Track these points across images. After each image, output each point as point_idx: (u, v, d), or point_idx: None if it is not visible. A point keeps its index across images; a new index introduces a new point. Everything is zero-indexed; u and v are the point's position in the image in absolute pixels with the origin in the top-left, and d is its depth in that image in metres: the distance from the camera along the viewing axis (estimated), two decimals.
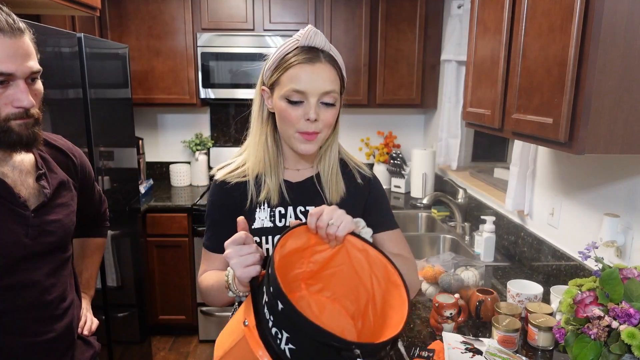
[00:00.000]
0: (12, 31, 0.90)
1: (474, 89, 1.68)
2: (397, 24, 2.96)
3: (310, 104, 0.97)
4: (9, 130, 0.93)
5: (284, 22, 2.92)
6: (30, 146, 0.98)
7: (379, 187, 1.18)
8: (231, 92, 2.93)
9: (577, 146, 1.09)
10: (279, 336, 0.70)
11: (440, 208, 2.78)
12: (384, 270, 0.85)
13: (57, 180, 1.10)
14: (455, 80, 2.84)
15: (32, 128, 0.97)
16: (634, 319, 0.95)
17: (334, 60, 1.00)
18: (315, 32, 0.97)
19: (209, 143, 3.33)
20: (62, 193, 1.11)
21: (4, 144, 0.95)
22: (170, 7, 2.87)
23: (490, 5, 1.54)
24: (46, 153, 1.12)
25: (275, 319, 0.70)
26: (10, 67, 0.90)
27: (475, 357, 1.13)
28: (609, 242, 1.35)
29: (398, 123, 3.48)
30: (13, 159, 1.03)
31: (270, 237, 1.05)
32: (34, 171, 1.06)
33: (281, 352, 0.69)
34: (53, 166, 1.11)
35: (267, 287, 0.72)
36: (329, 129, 1.03)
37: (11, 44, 0.90)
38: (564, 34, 1.11)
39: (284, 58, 0.99)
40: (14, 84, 0.92)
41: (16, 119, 0.94)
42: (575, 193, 1.64)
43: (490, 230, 2.00)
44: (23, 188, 1.03)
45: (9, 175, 1.01)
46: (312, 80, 0.96)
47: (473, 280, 1.61)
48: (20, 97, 0.92)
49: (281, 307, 0.68)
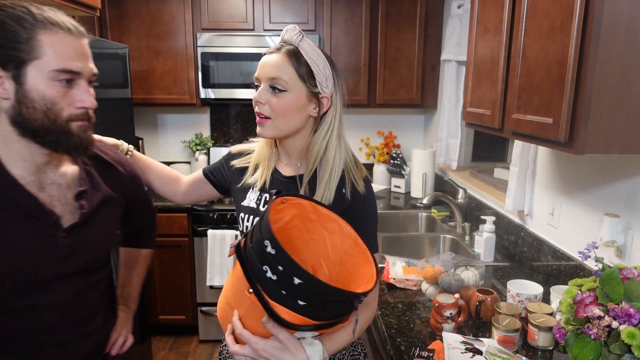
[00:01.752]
0: (79, 34, 0.92)
1: (474, 89, 1.68)
2: (397, 24, 2.96)
3: (260, 89, 1.10)
4: (69, 132, 0.91)
5: (284, 22, 2.92)
6: (87, 151, 0.96)
7: (363, 205, 1.14)
8: (231, 92, 2.93)
9: (577, 146, 1.09)
10: (286, 295, 0.81)
11: (440, 208, 2.78)
12: (336, 225, 1.00)
13: (99, 198, 1.04)
14: (455, 80, 2.84)
15: (88, 132, 0.95)
16: (634, 319, 0.95)
17: (293, 53, 1.08)
18: (286, 30, 1.10)
19: (209, 143, 3.33)
20: (103, 210, 1.05)
21: (62, 147, 0.92)
22: (170, 7, 2.87)
23: (490, 5, 1.54)
24: (92, 167, 1.07)
25: (285, 284, 0.80)
26: (79, 65, 0.90)
27: (475, 357, 1.13)
28: (609, 242, 1.35)
29: (398, 123, 3.48)
30: (59, 169, 0.99)
31: (252, 216, 1.17)
32: (75, 186, 1.00)
33: (293, 306, 0.81)
34: (97, 182, 1.05)
35: (269, 260, 0.80)
36: (282, 118, 1.09)
37: (78, 43, 0.91)
38: (564, 34, 1.11)
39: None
40: (77, 84, 0.91)
41: (77, 120, 0.92)
42: (575, 193, 1.64)
43: (490, 230, 2.00)
44: (59, 204, 0.97)
45: (46, 189, 0.95)
46: (263, 67, 1.10)
47: (473, 280, 1.61)
48: (83, 97, 0.91)
49: (298, 282, 0.78)
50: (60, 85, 0.88)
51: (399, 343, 1.35)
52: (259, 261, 0.81)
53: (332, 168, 1.11)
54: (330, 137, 1.12)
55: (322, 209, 1.00)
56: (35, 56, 0.86)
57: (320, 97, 1.11)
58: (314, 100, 1.10)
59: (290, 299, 0.80)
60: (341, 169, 1.12)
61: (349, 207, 1.11)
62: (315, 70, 1.08)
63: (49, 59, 0.86)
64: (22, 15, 0.86)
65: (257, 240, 0.83)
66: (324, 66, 1.10)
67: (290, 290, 0.80)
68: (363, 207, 1.14)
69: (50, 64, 0.87)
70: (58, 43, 0.87)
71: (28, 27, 0.85)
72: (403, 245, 2.38)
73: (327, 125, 1.12)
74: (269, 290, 0.81)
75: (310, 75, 1.08)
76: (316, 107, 1.12)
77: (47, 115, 0.88)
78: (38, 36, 0.86)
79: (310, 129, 1.14)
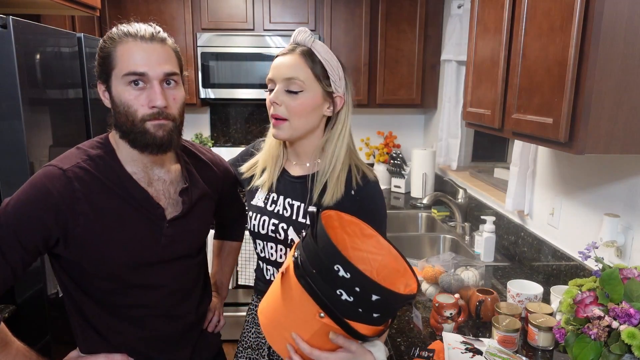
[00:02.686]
0: (150, 39, 0.98)
1: (474, 89, 1.68)
2: (397, 24, 2.96)
3: (275, 90, 1.10)
4: (144, 131, 0.98)
5: (284, 22, 2.92)
6: (165, 149, 1.01)
7: (370, 197, 1.14)
8: (231, 92, 2.93)
9: (577, 146, 1.09)
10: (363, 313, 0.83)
11: (440, 208, 2.78)
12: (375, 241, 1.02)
13: (198, 194, 1.14)
14: (455, 80, 2.84)
15: (170, 132, 1.00)
16: (634, 319, 0.95)
17: (308, 53, 1.09)
18: (298, 32, 1.11)
19: (208, 143, 3.33)
20: (200, 204, 1.15)
21: (139, 145, 0.99)
22: (170, 7, 2.87)
23: (490, 5, 1.54)
24: (192, 165, 1.17)
25: (362, 302, 0.81)
26: (143, 67, 0.96)
27: (475, 357, 1.13)
28: (609, 242, 1.35)
29: (398, 123, 3.48)
30: (164, 167, 1.09)
31: (259, 215, 1.20)
32: (178, 182, 1.11)
33: (368, 320, 0.84)
34: (196, 179, 1.16)
35: (344, 284, 0.80)
36: (299, 118, 1.09)
37: (147, 47, 0.97)
38: (564, 34, 1.11)
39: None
40: (150, 85, 0.97)
41: (151, 119, 0.98)
42: (575, 193, 1.64)
43: (490, 230, 2.00)
44: (164, 198, 1.08)
45: (154, 184, 1.07)
46: (277, 68, 1.10)
47: (473, 280, 1.61)
48: (153, 97, 0.97)
49: (376, 298, 0.80)
50: (132, 89, 0.97)
51: (399, 343, 1.35)
52: (331, 286, 0.81)
53: (342, 165, 1.13)
54: (344, 135, 1.15)
55: (344, 215, 1.01)
56: (114, 66, 0.97)
57: (334, 97, 1.13)
58: (328, 99, 1.13)
59: (366, 314, 0.82)
60: (347, 165, 1.14)
61: (360, 206, 1.11)
62: (330, 70, 1.10)
63: (120, 66, 0.96)
64: (111, 36, 0.99)
65: (323, 266, 0.81)
66: (337, 66, 1.12)
67: (367, 306, 0.81)
68: (373, 203, 1.15)
69: (121, 70, 0.96)
70: (126, 50, 0.96)
71: (113, 44, 0.97)
72: (403, 245, 2.38)
73: (341, 125, 1.15)
74: (345, 311, 0.82)
75: (324, 74, 1.10)
76: (330, 107, 1.14)
77: (127, 117, 0.97)
78: (117, 49, 0.97)
79: (322, 128, 1.16)
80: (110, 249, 1.00)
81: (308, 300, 0.83)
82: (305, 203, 1.15)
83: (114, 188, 1.01)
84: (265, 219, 1.18)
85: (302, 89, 1.08)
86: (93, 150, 1.03)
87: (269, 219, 1.18)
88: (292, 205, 1.16)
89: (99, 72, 1.01)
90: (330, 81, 1.11)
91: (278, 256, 1.20)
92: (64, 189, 0.96)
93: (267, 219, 1.18)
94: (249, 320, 1.34)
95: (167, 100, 0.99)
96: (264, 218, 1.18)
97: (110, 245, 1.00)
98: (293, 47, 1.11)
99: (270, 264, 1.22)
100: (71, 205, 0.96)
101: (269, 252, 1.21)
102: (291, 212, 1.16)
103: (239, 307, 2.89)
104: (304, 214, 1.15)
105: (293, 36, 1.12)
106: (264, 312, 0.94)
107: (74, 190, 0.96)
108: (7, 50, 1.46)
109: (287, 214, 1.16)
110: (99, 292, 1.05)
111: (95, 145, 1.05)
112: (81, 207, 0.97)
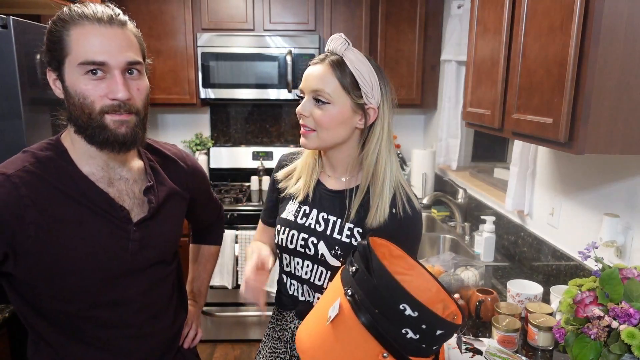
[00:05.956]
0: (109, 22, 0.87)
1: (474, 89, 1.68)
2: (397, 24, 2.96)
3: (303, 101, 1.08)
4: (102, 125, 0.88)
5: (284, 22, 2.92)
6: (129, 147, 0.92)
7: (413, 226, 1.11)
8: (231, 92, 2.93)
9: (577, 146, 1.09)
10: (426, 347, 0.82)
11: (440, 208, 2.78)
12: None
13: (165, 192, 1.04)
14: (455, 80, 2.84)
15: (134, 128, 0.91)
16: (634, 319, 0.95)
17: (337, 63, 1.04)
18: (331, 39, 1.06)
19: (209, 143, 3.33)
20: (170, 204, 1.06)
21: (97, 141, 0.89)
22: (171, 7, 2.87)
23: (490, 5, 1.54)
24: (156, 162, 1.07)
25: (427, 338, 0.80)
26: (103, 56, 0.86)
27: (475, 357, 1.13)
28: (609, 242, 1.35)
29: (398, 123, 3.48)
30: (125, 165, 0.99)
31: (288, 229, 1.15)
32: (142, 181, 1.01)
33: (429, 353, 0.83)
34: (162, 177, 1.06)
35: (410, 323, 0.79)
36: (326, 130, 1.05)
37: (107, 32, 0.86)
38: (564, 33, 1.11)
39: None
40: (110, 75, 0.87)
41: (111, 112, 0.88)
42: (575, 193, 1.64)
43: (490, 230, 2.00)
44: (128, 198, 0.97)
45: (115, 185, 0.96)
46: (306, 79, 1.07)
47: (473, 280, 1.61)
48: (115, 88, 0.87)
49: (440, 332, 0.80)
50: (90, 78, 0.86)
51: None
52: (396, 326, 0.79)
53: (382, 183, 1.07)
54: (380, 149, 1.08)
55: (376, 239, 0.97)
56: (67, 53, 0.86)
57: (366, 109, 1.06)
58: (359, 111, 1.06)
59: (427, 348, 0.82)
60: (393, 185, 1.08)
61: (399, 227, 1.07)
62: (360, 80, 1.04)
63: (75, 53, 0.86)
64: (62, 17, 0.88)
65: (386, 305, 0.79)
66: (370, 75, 1.05)
67: (430, 341, 0.80)
68: (413, 227, 1.11)
69: (76, 57, 0.86)
70: (82, 35, 0.86)
71: (65, 27, 0.87)
72: None
73: (376, 138, 1.08)
74: (410, 349, 0.80)
75: (355, 86, 1.04)
76: (362, 119, 1.07)
77: (83, 109, 0.87)
78: (70, 32, 0.86)
79: (357, 140, 1.10)
80: (69, 261, 0.88)
81: (371, 341, 0.79)
82: (342, 219, 1.10)
83: (68, 192, 0.90)
84: (294, 233, 1.13)
85: (329, 101, 1.03)
86: (41, 152, 0.91)
87: (297, 233, 1.13)
88: (327, 220, 1.12)
89: (49, 59, 0.89)
90: (362, 92, 1.04)
91: (304, 272, 1.15)
92: (9, 197, 0.84)
93: (295, 233, 1.13)
94: (269, 333, 1.28)
95: (131, 92, 0.89)
96: (293, 232, 1.14)
97: (68, 257, 0.88)
98: (324, 57, 1.06)
99: (294, 278, 1.18)
100: (18, 214, 0.84)
101: (295, 267, 1.17)
102: (325, 227, 1.11)
103: (239, 307, 2.89)
104: (339, 229, 1.10)
105: (327, 44, 1.07)
106: (309, 352, 0.87)
107: (21, 197, 0.85)
108: (8, 50, 1.46)
109: (319, 228, 1.12)
110: (60, 315, 0.93)
111: (44, 147, 0.93)
112: (30, 216, 0.85)
